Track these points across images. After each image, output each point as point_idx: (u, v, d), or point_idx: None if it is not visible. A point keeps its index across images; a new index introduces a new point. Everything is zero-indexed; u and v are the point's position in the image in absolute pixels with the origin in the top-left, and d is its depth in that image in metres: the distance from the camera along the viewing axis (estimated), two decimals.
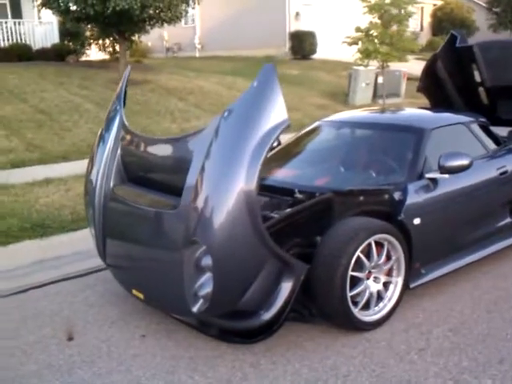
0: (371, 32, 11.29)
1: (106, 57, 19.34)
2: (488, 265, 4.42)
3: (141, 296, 3.50)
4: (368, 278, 3.46)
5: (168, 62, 23.11)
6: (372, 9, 11.44)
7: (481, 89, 6.25)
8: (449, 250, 4.03)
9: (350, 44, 11.98)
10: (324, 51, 22.40)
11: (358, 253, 3.28)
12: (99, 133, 4.02)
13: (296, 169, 4.36)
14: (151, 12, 12.21)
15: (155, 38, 28.16)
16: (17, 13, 18.11)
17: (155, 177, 3.66)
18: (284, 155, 4.63)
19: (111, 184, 3.71)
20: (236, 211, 2.82)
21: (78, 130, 10.09)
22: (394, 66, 13.18)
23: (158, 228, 3.25)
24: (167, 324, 3.61)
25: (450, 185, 3.97)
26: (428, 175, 3.87)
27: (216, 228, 2.83)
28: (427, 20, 31.37)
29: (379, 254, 3.46)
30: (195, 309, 3.03)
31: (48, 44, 17.65)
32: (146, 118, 11.21)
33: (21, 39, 17.36)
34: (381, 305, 3.55)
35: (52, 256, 5.01)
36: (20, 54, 16.40)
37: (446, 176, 3.84)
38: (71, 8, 11.95)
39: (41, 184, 6.89)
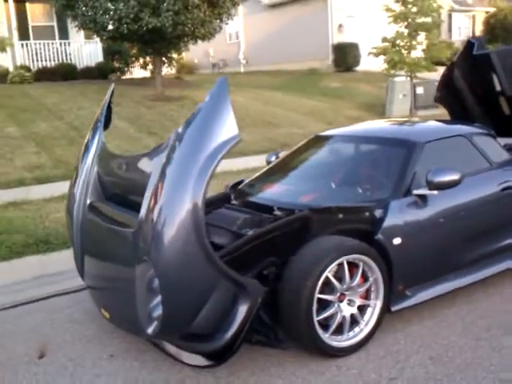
0: (397, 42, 10.97)
1: (148, 74, 19.75)
2: (495, 286, 4.13)
3: (107, 315, 3.45)
4: (341, 301, 3.28)
5: (211, 77, 23.34)
6: (397, 18, 11.13)
7: (502, 98, 5.96)
8: (439, 271, 3.77)
9: (377, 55, 11.70)
10: (368, 63, 22.04)
11: (326, 274, 3.11)
12: (81, 151, 4.03)
13: (284, 185, 4.23)
14: (184, 29, 12.34)
15: (201, 54, 28.77)
16: (64, 34, 18.80)
17: (128, 194, 3.62)
18: (276, 171, 4.51)
19: (88, 201, 3.71)
20: (182, 230, 2.73)
21: None
22: (431, 76, 12.79)
23: (119, 247, 3.21)
24: (138, 344, 3.54)
25: (441, 202, 3.73)
26: (416, 191, 3.64)
27: (163, 247, 2.75)
28: (479, 28, 30.44)
29: (353, 276, 3.27)
30: (150, 330, 2.95)
31: (92, 63, 18.23)
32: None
33: (67, 59, 18.01)
34: (356, 329, 3.34)
35: (51, 272, 5.05)
36: (65, 73, 17.01)
37: (435, 192, 3.60)
38: (107, 27, 12.24)
39: (57, 200, 7.02)
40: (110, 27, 12.31)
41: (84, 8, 12.21)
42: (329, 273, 3.15)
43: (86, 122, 11.65)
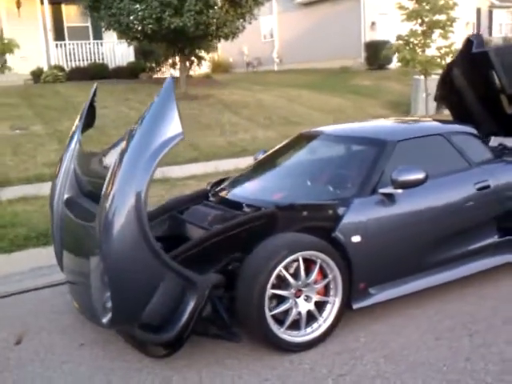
0: (411, 40, 10.81)
1: (177, 74, 20.04)
2: (472, 286, 4.09)
3: (77, 307, 3.61)
4: (298, 297, 3.33)
5: (243, 76, 23.59)
6: (410, 16, 10.97)
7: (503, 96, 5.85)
8: (406, 270, 3.76)
9: (393, 53, 11.56)
10: None
11: (278, 270, 3.17)
12: (64, 150, 4.21)
13: (260, 183, 4.30)
14: (206, 29, 12.51)
15: (236, 53, 29.01)
16: (98, 34, 19.27)
17: (99, 189, 3.76)
18: (256, 169, 4.58)
19: (65, 197, 3.88)
20: (126, 223, 2.86)
21: None
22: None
23: (84, 240, 3.35)
24: (108, 335, 3.67)
25: (410, 202, 3.73)
26: (381, 190, 3.65)
27: (110, 240, 2.88)
28: None
29: (309, 272, 3.32)
30: (105, 320, 3.08)
31: (124, 63, 18.64)
32: (196, 131, 11.48)
33: (99, 59, 18.48)
34: (315, 325, 3.38)
35: (48, 264, 5.26)
36: (97, 72, 17.41)
37: (399, 191, 3.61)
38: (131, 28, 12.53)
39: None
40: (135, 28, 12.58)
41: (109, 9, 12.53)
42: (283, 268, 3.21)
43: (108, 120, 11.99)
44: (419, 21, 11.01)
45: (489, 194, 4.04)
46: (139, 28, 12.36)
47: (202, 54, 17.98)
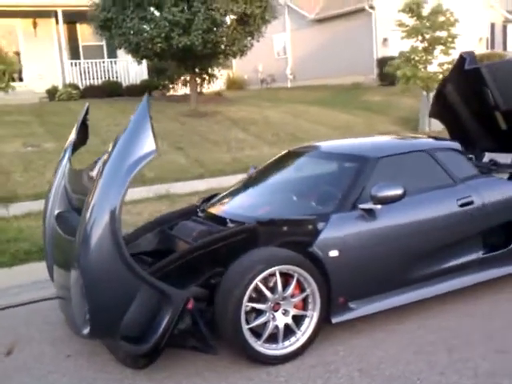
0: (412, 56, 10.87)
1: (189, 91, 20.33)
2: (453, 302, 4.12)
3: (64, 319, 3.72)
4: (276, 310, 3.40)
5: (256, 93, 23.82)
6: (411, 33, 11.05)
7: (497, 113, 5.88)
8: (386, 285, 3.80)
9: (394, 70, 11.64)
10: None
11: (254, 284, 3.25)
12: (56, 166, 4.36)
13: (246, 198, 4.39)
14: (214, 47, 12.73)
15: (251, 70, 29.36)
16: (112, 53, 19.66)
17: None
18: (244, 185, 4.68)
19: (55, 213, 4.02)
20: (102, 236, 2.98)
21: None
22: None
23: (68, 254, 3.47)
24: (94, 346, 3.77)
25: (390, 217, 3.80)
26: (361, 206, 3.72)
27: (87, 252, 3.01)
28: None
29: (286, 286, 3.39)
30: (85, 332, 3.18)
31: (137, 81, 18.98)
32: (203, 147, 11.66)
33: (113, 77, 18.84)
34: (292, 339, 3.44)
35: (47, 278, 5.40)
36: (111, 90, 17.78)
37: (379, 207, 3.67)
38: (140, 47, 12.80)
39: None
40: (144, 47, 12.84)
41: (119, 29, 12.83)
42: (260, 282, 3.28)
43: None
44: (420, 38, 11.10)
45: (472, 210, 4.08)
46: (149, 47, 12.60)
47: (215, 71, 18.21)
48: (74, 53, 19.33)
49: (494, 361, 3.30)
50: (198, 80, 17.73)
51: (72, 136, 4.35)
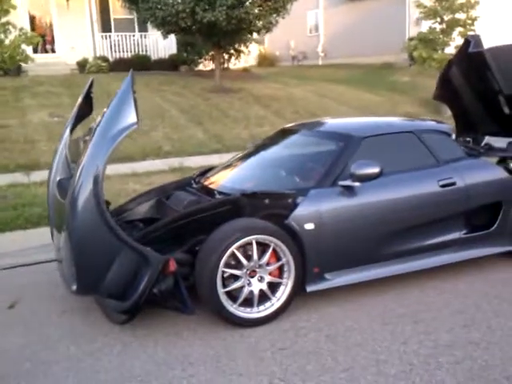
0: (430, 37, 10.74)
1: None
2: (433, 279, 4.28)
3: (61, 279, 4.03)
4: (252, 277, 3.62)
5: (286, 70, 23.80)
6: (428, 14, 10.90)
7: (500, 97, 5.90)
8: (363, 259, 3.97)
9: (410, 51, 11.53)
10: None
11: (231, 251, 3.47)
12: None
13: (236, 172, 4.59)
14: (240, 23, 12.82)
15: (283, 47, 29.25)
16: (143, 26, 19.90)
17: None
18: (238, 159, 4.88)
19: (57, 179, 4.30)
20: (87, 199, 3.25)
21: (153, 133, 11.03)
22: None
23: (62, 217, 3.75)
24: (90, 303, 4.06)
25: (369, 194, 3.94)
26: (341, 183, 3.89)
27: (73, 214, 3.28)
28: None
29: (261, 255, 3.60)
30: (73, 288, 3.48)
31: (166, 55, 19.21)
32: (221, 123, 11.86)
33: (143, 51, 19.11)
34: (267, 304, 3.66)
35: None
36: (139, 64, 18.01)
37: (357, 184, 3.83)
38: (166, 22, 12.98)
39: None
40: (169, 21, 13.01)
41: (146, 3, 13.03)
42: (236, 250, 3.50)
43: (141, 111, 12.45)
44: (438, 19, 10.95)
45: (454, 191, 4.19)
46: (174, 21, 12.78)
47: (242, 47, 18.29)
48: (106, 25, 19.64)
49: (456, 334, 3.45)
50: (226, 56, 17.86)
51: (76, 107, 4.60)
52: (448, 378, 2.97)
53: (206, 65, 20.83)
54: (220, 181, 4.41)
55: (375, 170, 3.77)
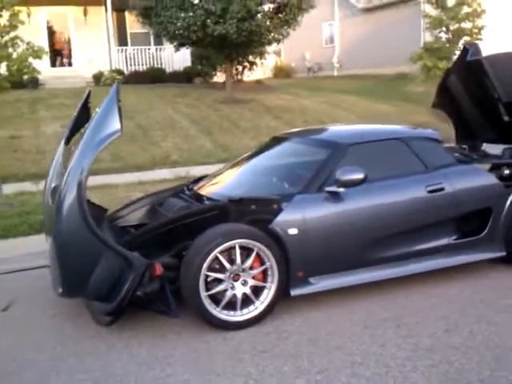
0: (435, 46, 10.73)
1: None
2: (423, 284, 4.29)
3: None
4: (236, 281, 3.68)
5: (300, 81, 23.94)
6: (434, 24, 10.91)
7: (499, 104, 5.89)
8: (349, 263, 3.99)
9: (415, 61, 11.53)
10: None
11: (213, 255, 3.53)
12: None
13: (228, 179, 4.67)
14: (251, 35, 12.98)
15: (298, 58, 29.43)
16: (159, 40, 20.22)
17: None
18: (230, 167, 4.96)
19: (52, 186, 4.42)
20: (71, 204, 3.35)
21: (163, 144, 11.21)
22: None
23: (51, 220, 3.86)
24: (79, 308, 4.14)
25: (355, 200, 3.98)
26: (327, 189, 3.93)
27: (57, 217, 3.40)
28: None
29: (245, 259, 3.65)
30: (60, 290, 3.58)
31: (181, 67, 19.48)
32: (230, 134, 11.99)
33: (158, 63, 19.41)
34: (251, 307, 3.71)
35: None
36: (154, 76, 18.36)
37: (342, 190, 3.88)
38: (177, 35, 13.21)
39: (94, 189, 7.93)
40: (181, 34, 13.24)
41: (158, 17, 13.28)
42: (219, 254, 3.57)
43: (153, 122, 12.71)
44: (444, 28, 10.97)
45: (442, 197, 4.20)
46: (185, 35, 13.00)
47: (256, 59, 18.46)
48: (122, 39, 20.02)
49: (438, 338, 3.46)
50: (239, 67, 18.04)
51: (73, 117, 4.73)
52: (422, 381, 2.98)
53: (219, 77, 21.06)
54: (211, 188, 4.50)
55: (360, 175, 3.81)
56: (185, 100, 14.92)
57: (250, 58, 17.75)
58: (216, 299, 3.63)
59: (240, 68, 18.90)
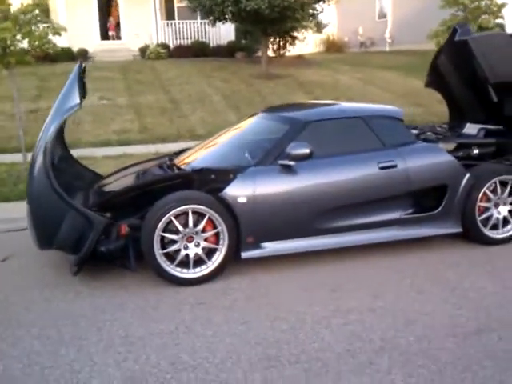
0: (450, 25, 10.49)
1: (271, 53, 20.79)
2: (383, 256, 4.59)
3: None
4: (190, 242, 4.12)
5: (348, 56, 23.78)
6: (448, 2, 10.66)
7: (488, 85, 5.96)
8: (299, 231, 4.32)
9: (432, 38, 11.32)
10: None
11: (167, 217, 3.98)
12: None
13: (202, 151, 5.07)
14: (283, 11, 13.17)
15: (352, 32, 29.12)
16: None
17: None
18: (210, 140, 5.37)
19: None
20: (39, 167, 3.90)
21: (191, 117, 11.69)
22: None
23: None
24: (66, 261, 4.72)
25: (305, 173, 4.30)
26: (280, 162, 4.28)
27: (31, 182, 3.96)
28: None
29: (197, 223, 4.08)
30: (36, 244, 4.15)
31: (225, 42, 19.85)
32: (258, 108, 12.26)
33: (203, 37, 19.85)
34: (203, 267, 4.15)
35: None
36: (198, 50, 18.85)
37: (292, 163, 4.21)
38: (213, 10, 13.58)
39: (114, 158, 8.57)
40: (216, 9, 13.59)
41: None
42: (173, 217, 4.01)
43: (185, 95, 13.21)
44: (461, 6, 10.72)
45: (393, 173, 4.45)
46: (220, 9, 13.34)
47: (298, 33, 18.55)
48: (170, 13, 20.58)
49: (362, 302, 3.76)
50: (281, 42, 18.19)
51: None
52: (329, 337, 3.32)
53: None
54: (186, 159, 4.92)
55: (306, 150, 4.15)
56: (221, 74, 15.33)
57: (295, 33, 17.83)
58: (171, 257, 4.09)
59: (282, 42, 19.04)
